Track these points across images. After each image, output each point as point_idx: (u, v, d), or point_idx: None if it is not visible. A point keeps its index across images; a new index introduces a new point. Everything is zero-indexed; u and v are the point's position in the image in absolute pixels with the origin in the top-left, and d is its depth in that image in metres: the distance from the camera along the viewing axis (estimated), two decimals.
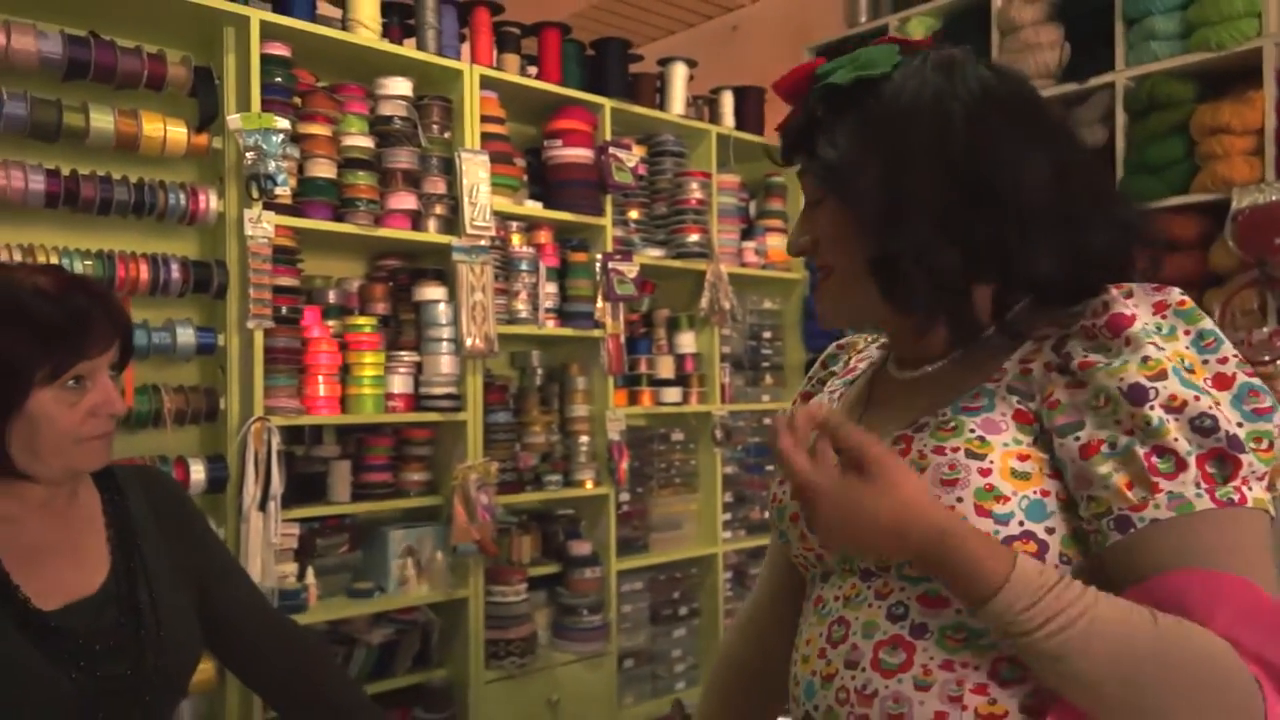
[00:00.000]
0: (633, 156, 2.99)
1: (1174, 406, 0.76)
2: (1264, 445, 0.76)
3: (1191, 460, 0.75)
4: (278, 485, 2.20)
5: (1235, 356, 0.79)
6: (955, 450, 0.82)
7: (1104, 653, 0.73)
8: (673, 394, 3.21)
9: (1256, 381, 0.78)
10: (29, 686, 1.15)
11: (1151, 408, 0.76)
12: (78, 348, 1.17)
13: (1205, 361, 0.79)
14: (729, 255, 3.34)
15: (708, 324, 3.29)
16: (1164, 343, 0.79)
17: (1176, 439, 0.75)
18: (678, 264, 3.22)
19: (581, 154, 2.90)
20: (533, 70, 2.96)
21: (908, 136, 0.85)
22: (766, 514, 1.02)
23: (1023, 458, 0.81)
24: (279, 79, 2.31)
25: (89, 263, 2.02)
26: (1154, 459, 0.75)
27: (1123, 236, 0.86)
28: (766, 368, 3.57)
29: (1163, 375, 0.77)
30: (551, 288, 2.88)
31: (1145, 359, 0.77)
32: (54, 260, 1.97)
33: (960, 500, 0.80)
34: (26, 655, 1.15)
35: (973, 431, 0.83)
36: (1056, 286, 0.84)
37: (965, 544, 0.76)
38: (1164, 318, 0.81)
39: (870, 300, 0.89)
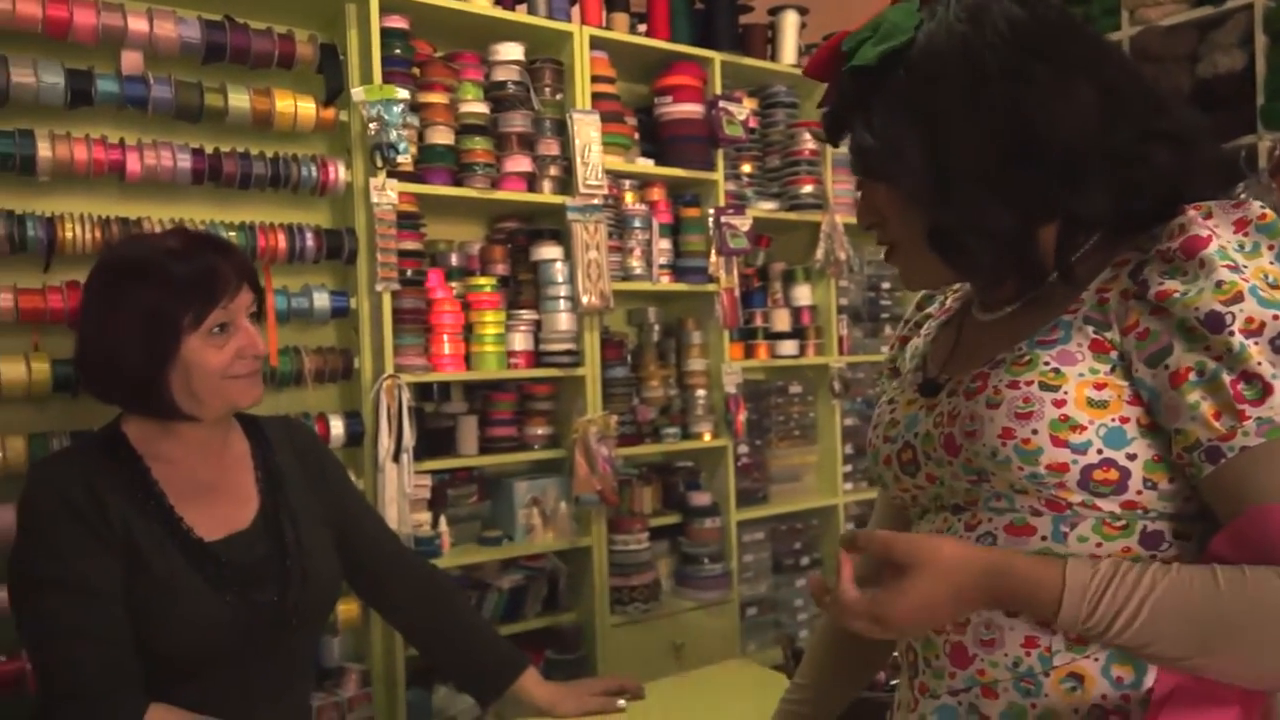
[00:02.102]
0: (743, 110, 2.99)
1: (1252, 329, 0.75)
2: None
3: (1277, 383, 0.74)
4: (409, 438, 2.32)
5: None
6: (1029, 384, 0.83)
7: (1175, 631, 0.75)
8: (789, 347, 3.21)
9: None
10: (193, 607, 1.28)
11: (1231, 333, 0.75)
12: (211, 295, 1.31)
13: None
14: (844, 205, 3.30)
15: (824, 276, 3.28)
16: (1245, 261, 0.77)
17: (1260, 363, 0.74)
18: (792, 216, 3.21)
19: (692, 109, 2.91)
20: (642, 28, 2.98)
21: (942, 103, 0.84)
22: None
23: (1099, 386, 0.81)
24: (398, 51, 2.41)
25: (232, 234, 2.17)
26: (1240, 386, 0.75)
27: (1178, 151, 0.83)
28: (885, 319, 3.53)
29: (1239, 298, 0.75)
30: (665, 244, 2.91)
31: (1219, 283, 0.76)
32: None
33: (1035, 432, 0.81)
34: (189, 578, 1.29)
35: (1047, 364, 0.83)
36: (1122, 218, 0.84)
37: (1014, 572, 0.79)
38: (1245, 235, 0.79)
39: (938, 267, 0.90)
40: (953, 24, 0.85)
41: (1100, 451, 0.80)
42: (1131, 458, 0.80)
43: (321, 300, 2.31)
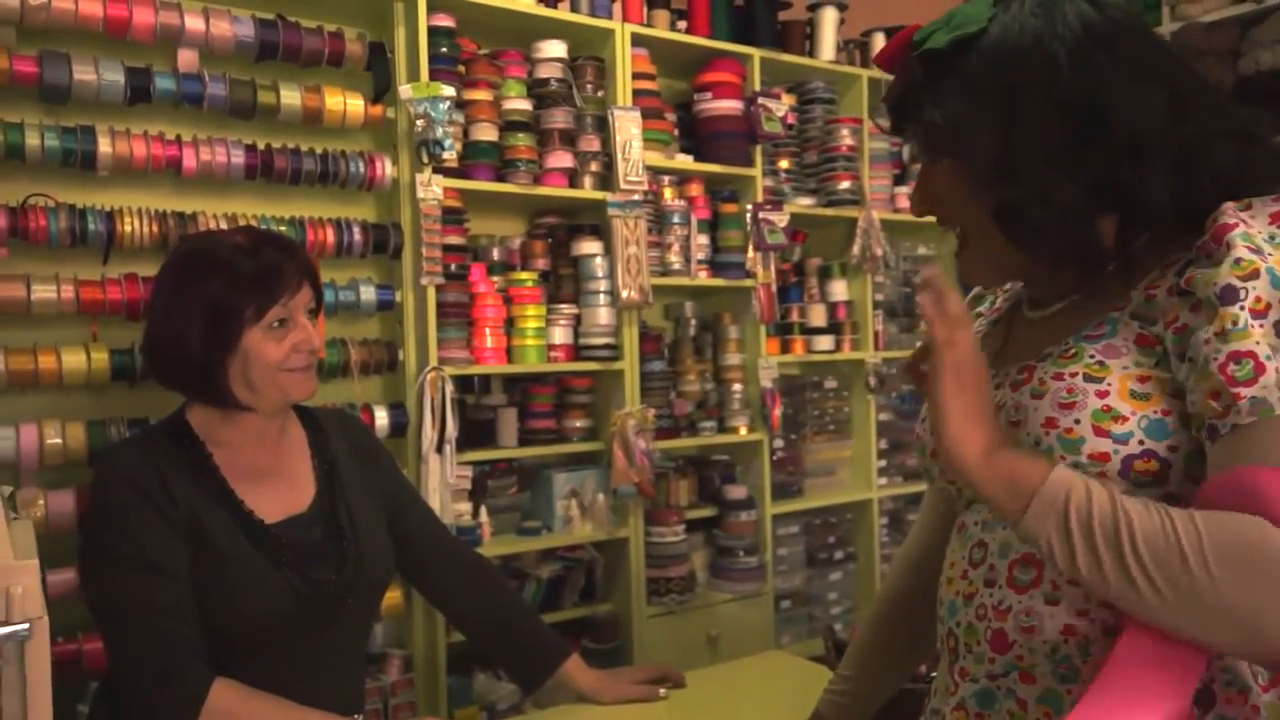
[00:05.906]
0: (782, 106, 3.01)
1: (1259, 309, 0.76)
2: None
3: (1270, 364, 0.75)
4: (452, 430, 2.37)
5: None
6: (1074, 375, 0.85)
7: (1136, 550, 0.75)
8: (825, 342, 3.23)
9: None
10: (255, 583, 1.34)
11: (1241, 307, 0.77)
12: (273, 291, 1.37)
13: None
14: (881, 201, 3.31)
15: (860, 271, 3.29)
16: (1272, 249, 0.79)
17: (1258, 342, 0.76)
18: (829, 212, 3.22)
19: (731, 106, 2.93)
20: (682, 25, 3.00)
21: (1013, 84, 0.86)
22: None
23: (1143, 379, 0.83)
24: (444, 49, 2.45)
25: (283, 228, 2.21)
26: (1230, 367, 0.76)
27: (1240, 149, 0.85)
28: (920, 315, 3.52)
29: (1255, 275, 0.77)
30: (703, 239, 2.94)
31: (1238, 260, 0.78)
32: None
33: (1078, 422, 0.83)
34: (252, 556, 1.35)
35: (1092, 357, 0.85)
36: (1179, 215, 0.85)
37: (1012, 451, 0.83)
38: (1279, 226, 0.81)
39: (1003, 251, 0.92)
40: (1026, 18, 0.88)
41: (1141, 442, 0.82)
42: (1173, 450, 0.82)
43: (368, 294, 2.36)
